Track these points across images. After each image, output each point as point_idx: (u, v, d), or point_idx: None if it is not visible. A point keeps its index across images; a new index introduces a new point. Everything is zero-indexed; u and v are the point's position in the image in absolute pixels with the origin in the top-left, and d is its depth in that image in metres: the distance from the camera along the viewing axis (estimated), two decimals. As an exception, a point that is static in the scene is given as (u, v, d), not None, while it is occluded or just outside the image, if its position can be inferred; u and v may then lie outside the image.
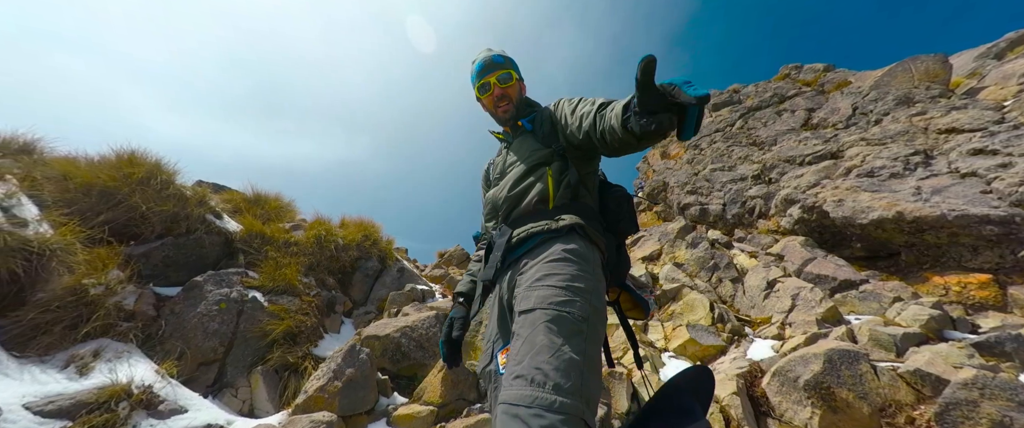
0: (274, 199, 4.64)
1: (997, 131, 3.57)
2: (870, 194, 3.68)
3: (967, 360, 2.02)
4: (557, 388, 0.69)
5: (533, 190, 1.11)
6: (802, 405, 1.98)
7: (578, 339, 0.78)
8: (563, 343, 0.76)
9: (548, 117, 1.23)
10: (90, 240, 2.63)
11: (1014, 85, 4.20)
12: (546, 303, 0.84)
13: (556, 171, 1.11)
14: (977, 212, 2.98)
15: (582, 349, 0.77)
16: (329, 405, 2.01)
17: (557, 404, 0.67)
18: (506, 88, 1.30)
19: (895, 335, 2.36)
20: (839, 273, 3.43)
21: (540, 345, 0.76)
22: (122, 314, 2.48)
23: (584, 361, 0.75)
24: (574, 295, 0.85)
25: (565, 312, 0.81)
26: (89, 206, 2.84)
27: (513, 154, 1.25)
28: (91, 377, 2.02)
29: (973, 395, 1.64)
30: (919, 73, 5.05)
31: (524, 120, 1.28)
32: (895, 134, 4.32)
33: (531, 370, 0.72)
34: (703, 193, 6.00)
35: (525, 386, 0.70)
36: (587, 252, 0.97)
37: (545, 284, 0.88)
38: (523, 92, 1.37)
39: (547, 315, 0.81)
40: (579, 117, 1.05)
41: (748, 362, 2.59)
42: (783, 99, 6.94)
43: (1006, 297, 2.74)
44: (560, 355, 0.74)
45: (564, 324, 0.79)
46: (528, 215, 1.09)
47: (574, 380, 0.71)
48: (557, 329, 0.78)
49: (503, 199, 1.17)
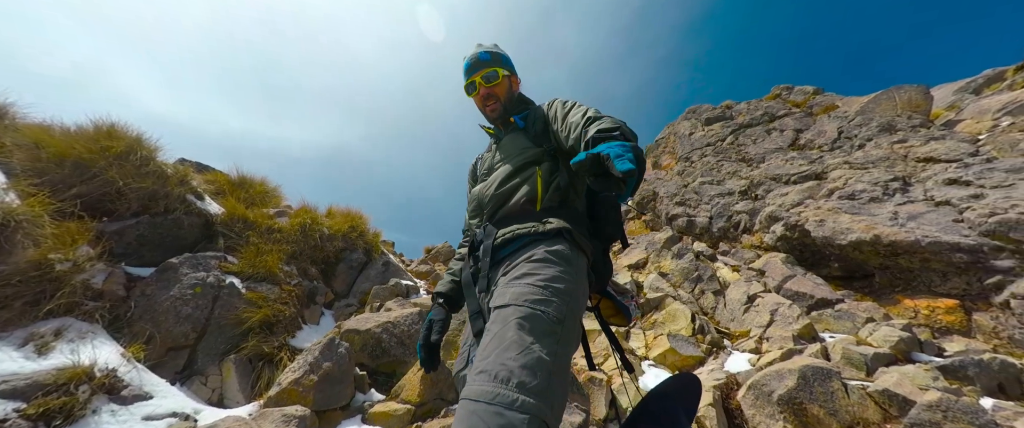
0: (260, 183, 4.52)
1: (971, 163, 3.73)
2: (850, 216, 3.80)
3: (932, 382, 2.09)
4: (521, 386, 0.66)
5: (521, 190, 1.08)
6: (775, 419, 2.02)
7: (550, 340, 0.75)
8: (533, 342, 0.73)
9: (541, 116, 1.21)
10: (60, 213, 2.50)
11: (989, 120, 4.40)
12: (521, 300, 0.81)
13: (546, 172, 1.09)
14: (948, 239, 3.10)
15: (553, 350, 0.74)
16: (303, 399, 1.96)
17: (519, 403, 0.64)
18: (492, 87, 1.27)
19: (866, 354, 2.43)
20: (816, 291, 3.52)
21: (509, 341, 0.73)
22: (89, 293, 2.37)
23: (553, 363, 0.72)
24: (552, 296, 0.82)
25: (540, 311, 0.79)
26: (61, 178, 2.71)
27: (502, 151, 1.22)
28: (50, 357, 1.93)
29: (936, 417, 1.70)
30: (902, 102, 5.25)
31: (517, 117, 1.26)
32: (877, 159, 4.48)
33: (496, 366, 0.69)
34: (691, 205, 6.11)
35: (488, 382, 0.67)
36: (572, 256, 0.95)
37: (523, 282, 0.86)
38: (515, 88, 1.34)
39: (520, 312, 0.78)
40: (568, 126, 1.04)
41: (725, 374, 2.64)
42: (773, 118, 7.12)
43: (971, 322, 2.86)
44: (528, 353, 0.71)
45: (537, 323, 0.77)
46: (514, 216, 1.06)
47: (540, 380, 0.68)
48: (529, 327, 0.75)
49: (490, 197, 1.14)
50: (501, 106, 1.28)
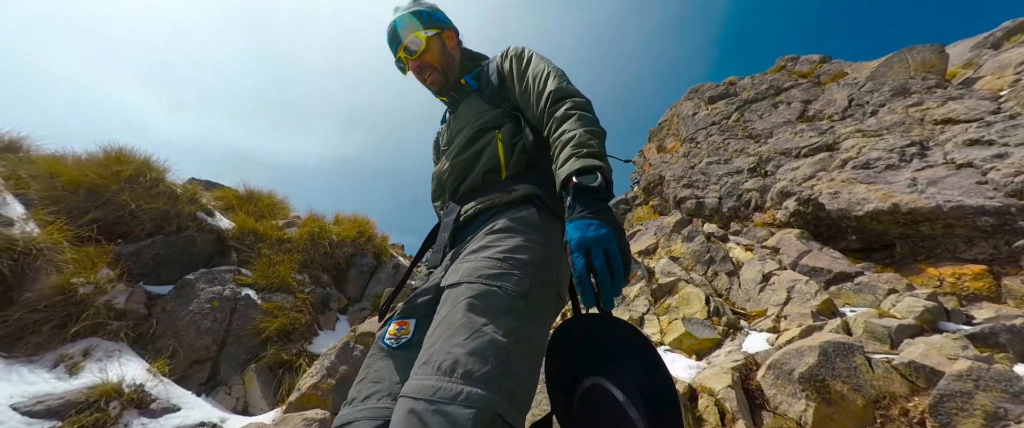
0: (267, 196, 4.60)
1: (993, 121, 3.55)
2: (866, 186, 3.67)
3: (961, 351, 2.02)
4: (467, 376, 0.56)
5: (482, 159, 0.96)
6: (797, 398, 1.98)
7: (509, 317, 0.65)
8: (487, 322, 0.63)
9: (496, 71, 1.07)
10: (78, 239, 2.59)
11: (1011, 74, 4.18)
12: (475, 276, 0.71)
13: (507, 135, 0.96)
14: (972, 203, 2.97)
15: (513, 329, 0.64)
16: (323, 403, 2.00)
17: (463, 395, 0.54)
18: (421, 58, 1.08)
19: (890, 327, 2.36)
20: (834, 266, 3.43)
21: (457, 325, 0.63)
22: (112, 313, 2.46)
23: (513, 343, 0.62)
24: (512, 268, 0.72)
25: (495, 287, 0.68)
26: (77, 204, 2.80)
27: (458, 120, 1.08)
28: (81, 376, 2.01)
29: (968, 386, 1.64)
30: (915, 63, 5.03)
31: (468, 78, 1.10)
32: (891, 125, 4.31)
33: (441, 355, 0.59)
34: (699, 187, 5.99)
35: (429, 375, 0.57)
36: (540, 222, 0.84)
37: (478, 256, 0.75)
38: (452, 46, 1.14)
39: (472, 290, 0.68)
40: (528, 92, 0.95)
41: (743, 355, 2.60)
42: (779, 91, 6.91)
43: (1000, 288, 2.74)
44: (479, 336, 0.61)
45: (492, 300, 0.66)
46: (477, 189, 0.95)
47: (492, 366, 0.57)
48: (482, 306, 0.65)
49: (447, 171, 1.02)
50: (441, 74, 1.11)
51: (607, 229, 0.66)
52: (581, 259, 0.64)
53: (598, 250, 0.64)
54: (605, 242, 0.65)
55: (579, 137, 0.80)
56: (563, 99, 0.89)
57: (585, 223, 0.67)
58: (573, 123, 0.83)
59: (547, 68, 0.96)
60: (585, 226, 0.67)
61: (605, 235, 0.65)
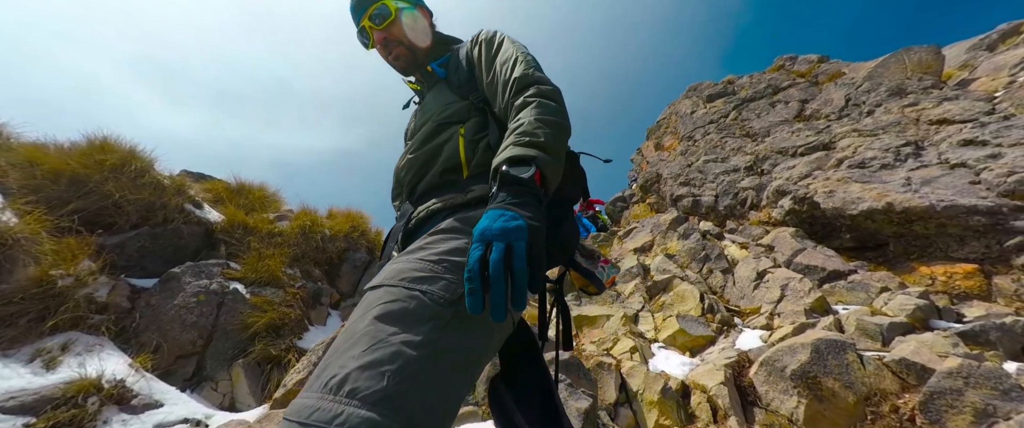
0: (258, 189, 4.52)
1: (987, 122, 3.57)
2: (860, 185, 3.68)
3: (952, 349, 2.02)
4: (353, 394, 0.46)
5: (441, 156, 0.86)
6: (788, 394, 1.97)
7: (427, 327, 0.55)
8: (397, 332, 0.53)
9: (465, 57, 0.97)
10: (58, 230, 2.52)
11: (1005, 76, 4.20)
12: (397, 278, 0.61)
13: (471, 131, 0.87)
14: (965, 202, 2.98)
15: (430, 341, 0.53)
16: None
17: (342, 418, 0.44)
18: (387, 28, 0.98)
19: (881, 325, 2.36)
20: (828, 263, 3.43)
21: (359, 334, 0.54)
22: (93, 306, 2.39)
23: (426, 358, 0.52)
24: (446, 271, 0.62)
25: (418, 291, 0.58)
26: (57, 194, 2.71)
27: (423, 112, 0.98)
28: (58, 371, 1.94)
29: (957, 384, 1.64)
30: (912, 64, 5.04)
31: (435, 64, 1.01)
32: (887, 125, 4.31)
33: (333, 368, 0.50)
34: (696, 184, 5.99)
35: (313, 392, 0.48)
36: None
37: (411, 257, 0.66)
38: (423, 25, 1.04)
39: (390, 294, 0.58)
40: (495, 82, 0.87)
41: (736, 352, 2.59)
42: (777, 90, 6.91)
43: (991, 286, 2.76)
44: (381, 347, 0.51)
45: (410, 306, 0.56)
46: (435, 189, 0.85)
47: (388, 384, 0.47)
48: (396, 313, 0.55)
49: (405, 168, 0.92)
50: (408, 51, 1.01)
51: (520, 223, 0.55)
52: (477, 251, 0.53)
53: (500, 245, 0.52)
54: (511, 237, 0.53)
55: (527, 126, 0.71)
56: (527, 87, 0.81)
57: (497, 213, 0.57)
58: (528, 111, 0.75)
59: (516, 54, 0.87)
60: (495, 216, 0.56)
61: (514, 230, 0.54)
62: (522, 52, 0.88)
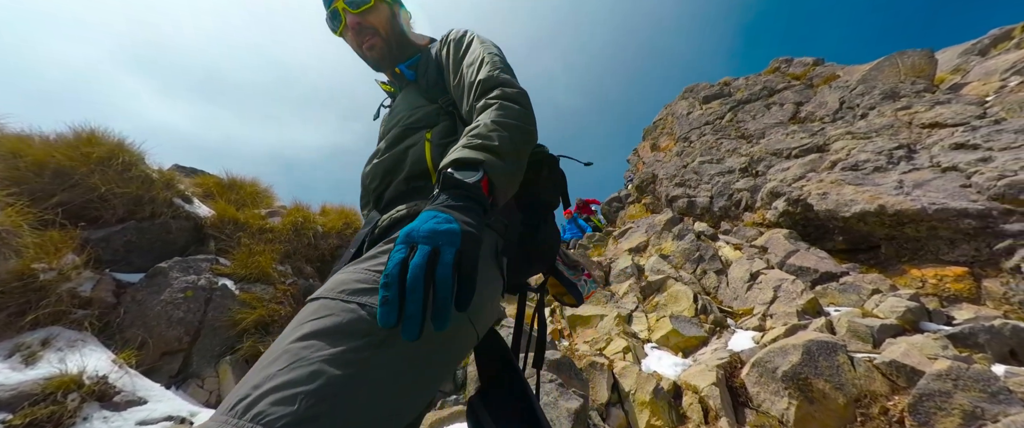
0: (250, 184, 4.45)
1: (979, 126, 3.60)
2: (854, 187, 3.70)
3: (941, 351, 2.03)
4: (259, 419, 0.40)
5: (407, 161, 0.81)
6: (780, 396, 1.97)
7: (359, 344, 0.48)
8: (322, 348, 0.46)
9: (434, 58, 0.93)
10: (41, 223, 2.46)
11: (997, 81, 4.24)
12: (336, 290, 0.54)
13: (438, 134, 0.82)
14: (956, 205, 3.00)
15: (359, 359, 0.47)
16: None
17: None
18: (362, 15, 0.93)
19: (872, 327, 2.37)
20: (821, 265, 3.45)
21: (280, 351, 0.47)
22: (77, 301, 2.34)
23: (351, 378, 0.45)
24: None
25: (355, 304, 0.52)
26: (41, 187, 2.65)
27: (392, 115, 0.94)
28: (38, 367, 1.89)
29: (946, 386, 1.64)
30: (905, 68, 5.08)
31: (403, 66, 0.97)
32: (880, 128, 4.34)
33: (245, 389, 0.44)
34: (691, 185, 6.00)
35: (220, 415, 0.42)
36: None
37: (356, 267, 0.60)
38: (399, 20, 0.99)
39: (324, 308, 0.52)
40: (462, 85, 0.83)
41: (729, 353, 2.59)
42: (772, 92, 6.95)
43: (980, 289, 2.78)
44: (298, 366, 0.44)
45: (342, 320, 0.50)
46: (402, 196, 0.80)
47: (300, 408, 0.41)
48: (325, 328, 0.49)
49: (370, 175, 0.87)
50: (384, 42, 0.96)
51: (453, 227, 0.49)
52: (398, 254, 0.46)
53: (426, 248, 0.46)
54: (440, 240, 0.47)
55: (482, 128, 0.66)
56: (491, 89, 0.76)
57: (430, 214, 0.51)
58: (488, 113, 0.70)
59: (482, 54, 0.83)
60: (428, 217, 0.50)
61: (445, 233, 0.48)
62: (489, 53, 0.84)
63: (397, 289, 0.44)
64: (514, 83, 0.79)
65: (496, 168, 0.62)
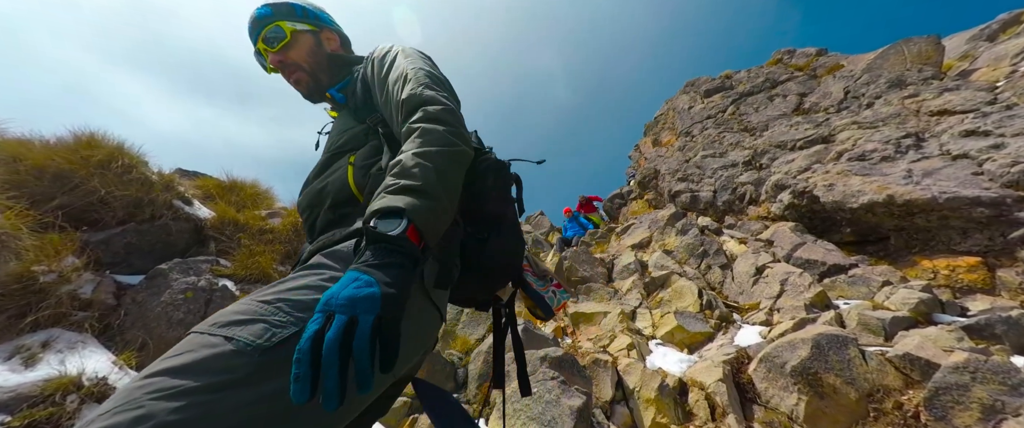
0: (250, 186, 4.45)
1: (989, 112, 3.51)
2: (861, 178, 3.62)
3: (957, 343, 1.97)
4: None
5: (330, 189, 0.78)
6: (788, 391, 1.92)
7: (214, 382, 0.43)
8: (160, 390, 0.41)
9: (361, 78, 0.89)
10: (41, 226, 2.46)
11: (1007, 66, 4.14)
12: (210, 322, 0.50)
13: (362, 156, 0.79)
14: (968, 194, 2.92)
15: (202, 401, 0.41)
16: (294, 396, 1.91)
17: None
18: (283, 52, 0.91)
19: (884, 319, 2.30)
20: (828, 258, 3.38)
21: (121, 390, 0.43)
22: (77, 303, 2.33)
23: (188, 423, 0.40)
24: (274, 313, 0.51)
25: (221, 336, 0.47)
26: (41, 190, 2.65)
27: (328, 141, 0.91)
28: (37, 369, 1.89)
29: (964, 379, 1.58)
30: (912, 55, 4.98)
31: (333, 90, 0.93)
32: (887, 117, 4.26)
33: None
34: (694, 180, 5.93)
35: None
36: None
37: (247, 297, 0.56)
38: (327, 47, 0.97)
39: (188, 343, 0.48)
40: (389, 103, 0.79)
41: (735, 348, 2.54)
42: (775, 84, 6.85)
43: (995, 279, 2.70)
44: (125, 410, 0.39)
45: (200, 355, 0.45)
46: (330, 225, 0.76)
47: None
48: (180, 365, 0.44)
49: (300, 206, 0.84)
50: (308, 75, 0.94)
51: (372, 292, 0.46)
52: (313, 325, 0.43)
53: (341, 318, 0.43)
54: (359, 308, 0.44)
55: (403, 164, 0.63)
56: (413, 110, 0.72)
57: (351, 277, 0.48)
58: (409, 143, 0.67)
59: (406, 69, 0.79)
60: (346, 282, 0.47)
61: (363, 299, 0.45)
62: (413, 68, 0.80)
63: (309, 365, 0.41)
64: (438, 98, 0.74)
65: (421, 210, 0.58)
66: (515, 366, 0.92)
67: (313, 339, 0.42)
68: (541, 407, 1.70)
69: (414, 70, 0.79)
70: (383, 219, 0.56)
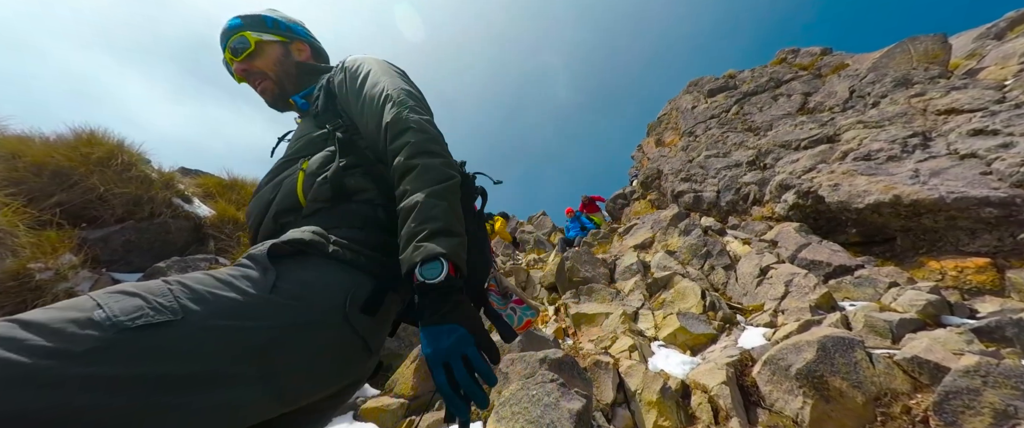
0: (251, 184, 4.44)
1: (998, 110, 3.45)
2: (867, 178, 3.57)
3: (966, 346, 1.92)
4: None
5: (276, 197, 0.75)
6: (794, 394, 1.88)
7: (54, 347, 0.39)
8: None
9: (325, 85, 0.88)
10: (39, 223, 2.45)
11: (1015, 64, 4.08)
12: (107, 288, 0.49)
13: (316, 163, 0.75)
14: (976, 194, 2.87)
15: (35, 367, 0.37)
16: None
17: None
18: (247, 61, 0.92)
19: (891, 321, 2.26)
20: (834, 259, 3.33)
21: None
22: (74, 302, 2.33)
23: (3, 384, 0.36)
24: (165, 295, 0.47)
25: (95, 302, 0.45)
26: (40, 187, 2.65)
27: (288, 147, 0.91)
28: (32, 368, 1.88)
29: (975, 383, 1.54)
30: (918, 54, 4.92)
31: (297, 97, 0.93)
32: (893, 116, 4.20)
33: None
34: (697, 180, 5.89)
35: None
36: (294, 271, 0.59)
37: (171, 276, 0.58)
38: (297, 57, 0.97)
39: (65, 302, 0.46)
40: (364, 118, 0.79)
41: (739, 351, 2.50)
42: (779, 83, 6.79)
43: (1004, 281, 2.65)
44: None
45: (63, 316, 0.42)
46: (270, 235, 0.74)
47: None
48: (33, 318, 0.42)
49: (248, 213, 0.82)
50: (274, 84, 0.94)
51: (460, 332, 0.58)
52: (441, 375, 0.57)
53: (457, 360, 0.57)
54: (462, 348, 0.57)
55: (421, 209, 0.64)
56: (401, 134, 0.72)
57: (435, 332, 0.58)
58: (414, 180, 0.67)
59: (384, 87, 0.78)
60: (436, 336, 0.58)
61: (457, 341, 0.57)
62: (395, 88, 0.78)
63: (459, 399, 0.57)
64: (424, 124, 0.74)
65: (452, 246, 0.63)
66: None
67: (450, 385, 0.56)
68: (540, 410, 1.66)
69: (396, 90, 0.78)
70: (424, 266, 0.61)
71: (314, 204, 0.72)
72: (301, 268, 0.61)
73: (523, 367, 2.01)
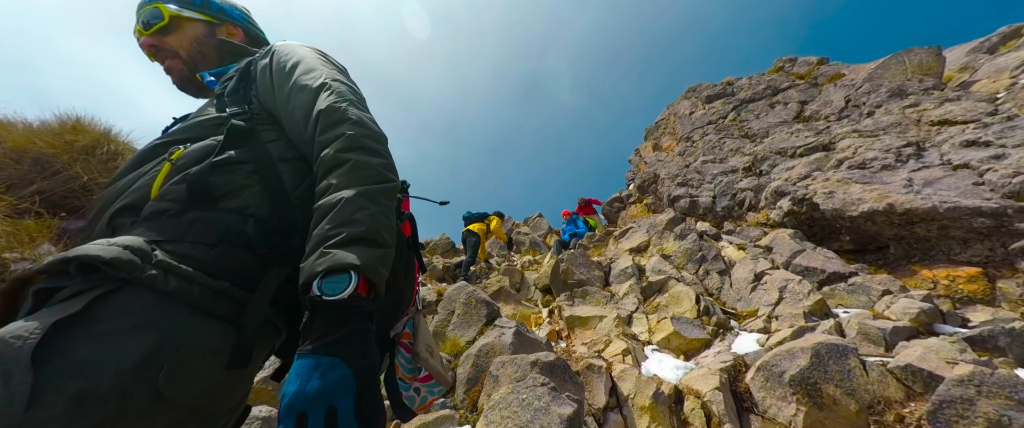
0: (242, 178, 4.38)
1: (990, 122, 3.49)
2: (861, 186, 3.59)
3: (960, 355, 1.92)
4: None
5: (127, 190, 0.58)
6: (787, 401, 1.85)
7: None
8: None
9: (243, 67, 0.75)
10: (17, 211, 2.36)
11: (1007, 78, 4.14)
12: None
13: (194, 153, 0.60)
14: (969, 204, 2.89)
15: None
16: (272, 398, 1.82)
17: None
18: (157, 35, 0.80)
19: (884, 329, 2.25)
20: (828, 266, 3.33)
21: None
22: (51, 294, 2.25)
23: None
24: None
25: None
26: (19, 175, 2.56)
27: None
28: (2, 362, 1.80)
29: (969, 393, 1.53)
30: (912, 66, 4.98)
31: (207, 73, 0.79)
32: (887, 126, 4.24)
33: None
34: (693, 185, 5.90)
35: None
36: (67, 343, 0.40)
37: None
38: (214, 38, 0.85)
39: None
40: (288, 107, 0.67)
41: (732, 356, 2.48)
42: (776, 91, 6.85)
43: (995, 291, 2.67)
44: None
45: None
46: (100, 237, 0.56)
47: None
48: None
49: (94, 203, 0.74)
50: (183, 64, 0.83)
51: (341, 373, 0.42)
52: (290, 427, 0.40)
53: (318, 413, 0.39)
54: (333, 397, 0.40)
55: (343, 208, 0.53)
56: (336, 124, 0.61)
57: (309, 365, 0.42)
58: (344, 174, 0.56)
59: (321, 75, 0.67)
60: (308, 371, 0.42)
61: (332, 385, 0.41)
62: (333, 78, 0.68)
63: None
64: (365, 121, 0.64)
65: (370, 259, 0.50)
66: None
67: None
68: (530, 415, 1.62)
69: (334, 81, 0.68)
70: (326, 279, 0.47)
71: (159, 204, 0.55)
72: (83, 327, 0.41)
73: (514, 370, 1.97)
